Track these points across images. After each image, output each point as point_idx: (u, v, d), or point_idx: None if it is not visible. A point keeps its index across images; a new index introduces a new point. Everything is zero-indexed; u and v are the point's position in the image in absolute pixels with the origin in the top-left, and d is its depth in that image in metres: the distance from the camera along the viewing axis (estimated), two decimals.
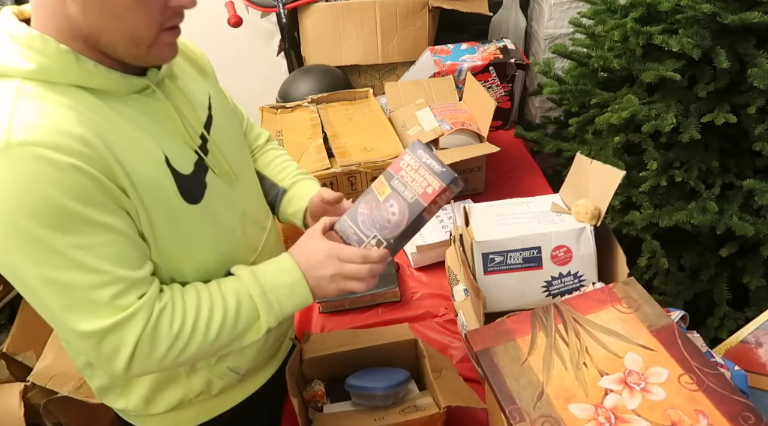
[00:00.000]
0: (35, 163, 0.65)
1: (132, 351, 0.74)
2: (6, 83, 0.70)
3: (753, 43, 1.31)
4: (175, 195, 0.79)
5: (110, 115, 0.74)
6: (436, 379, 1.01)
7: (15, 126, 0.66)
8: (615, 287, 0.95)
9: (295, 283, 0.84)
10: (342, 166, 1.48)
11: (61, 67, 0.71)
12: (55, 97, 0.70)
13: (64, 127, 0.68)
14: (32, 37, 0.70)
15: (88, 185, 0.69)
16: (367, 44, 2.00)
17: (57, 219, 0.67)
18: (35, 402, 1.50)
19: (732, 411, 0.74)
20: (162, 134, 0.79)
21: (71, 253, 0.69)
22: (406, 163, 0.89)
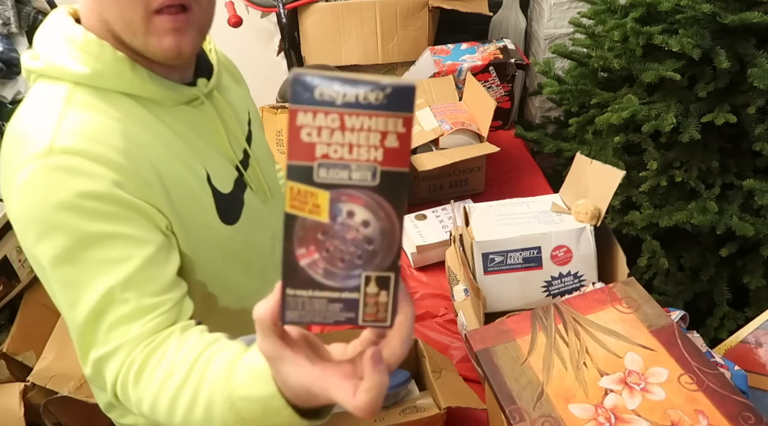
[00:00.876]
0: (69, 173, 0.64)
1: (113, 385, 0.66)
2: (57, 87, 0.69)
3: (753, 43, 1.31)
4: (213, 215, 0.78)
5: (157, 127, 0.73)
6: (437, 379, 1.01)
7: (62, 132, 0.65)
8: (615, 287, 0.95)
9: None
10: None
11: (114, 74, 0.70)
12: (104, 107, 0.69)
13: (108, 138, 0.67)
14: (89, 41, 0.69)
15: (114, 201, 0.66)
16: (367, 44, 2.00)
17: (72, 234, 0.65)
18: (35, 402, 1.49)
19: (732, 411, 0.74)
20: (206, 149, 0.78)
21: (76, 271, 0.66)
22: (309, 125, 0.42)
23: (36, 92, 0.71)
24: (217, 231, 0.79)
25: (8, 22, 1.73)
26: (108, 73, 0.69)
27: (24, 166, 0.65)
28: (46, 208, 0.64)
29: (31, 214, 0.65)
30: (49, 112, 0.67)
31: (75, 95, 0.68)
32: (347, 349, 0.51)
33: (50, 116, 0.67)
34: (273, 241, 0.90)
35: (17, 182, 0.65)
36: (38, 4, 1.84)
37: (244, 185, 0.83)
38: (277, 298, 0.46)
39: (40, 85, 0.71)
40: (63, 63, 0.69)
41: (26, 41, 1.82)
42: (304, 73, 0.41)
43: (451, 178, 1.66)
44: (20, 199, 0.66)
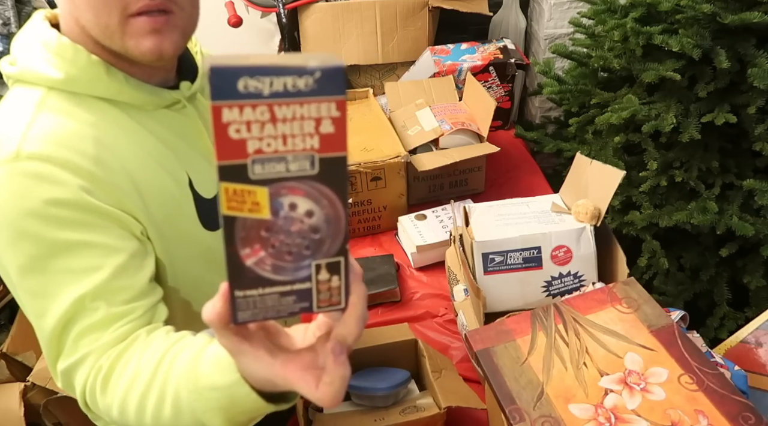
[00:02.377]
0: (35, 179, 0.63)
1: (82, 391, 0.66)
2: (30, 91, 0.68)
3: (753, 43, 1.31)
4: (194, 221, 0.76)
5: (136, 132, 0.71)
6: (437, 379, 1.01)
7: (30, 137, 0.64)
8: (615, 287, 0.95)
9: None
10: None
11: (89, 79, 0.68)
12: (78, 112, 0.68)
13: (79, 144, 0.66)
14: (63, 46, 0.68)
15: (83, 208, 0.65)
16: (367, 44, 2.00)
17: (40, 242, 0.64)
18: (35, 402, 1.49)
19: (732, 411, 0.74)
20: (189, 154, 0.76)
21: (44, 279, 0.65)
22: (236, 121, 0.39)
23: (10, 97, 0.70)
24: (198, 237, 0.77)
25: (8, 22, 1.73)
26: (83, 77, 0.68)
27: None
28: (12, 215, 0.63)
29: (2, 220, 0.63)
30: (19, 117, 0.66)
31: (48, 100, 0.67)
32: (307, 334, 0.51)
33: (20, 121, 0.66)
34: None
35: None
36: (38, 4, 1.84)
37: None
38: (225, 299, 0.45)
39: (15, 90, 0.70)
40: (37, 68, 0.68)
41: None
42: (223, 64, 0.37)
43: (451, 178, 1.66)
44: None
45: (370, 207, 1.55)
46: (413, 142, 1.61)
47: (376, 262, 1.45)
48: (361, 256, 1.50)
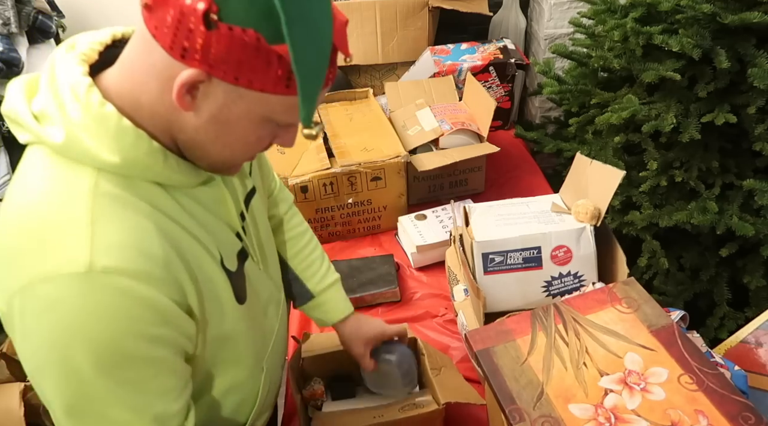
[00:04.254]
0: (116, 295, 0.59)
1: None
2: (79, 176, 0.60)
3: (753, 43, 1.31)
4: (230, 298, 0.74)
5: (178, 214, 0.67)
6: (435, 376, 1.01)
7: (98, 245, 0.58)
8: (615, 287, 0.95)
9: None
10: (342, 166, 1.48)
11: (146, 165, 0.63)
12: (132, 200, 0.62)
13: (147, 248, 0.61)
14: (124, 129, 0.61)
15: (159, 321, 0.62)
16: (367, 44, 2.00)
17: (113, 358, 0.61)
18: (35, 402, 1.49)
19: (732, 411, 0.74)
20: (217, 227, 0.73)
21: (115, 391, 0.62)
22: None
23: (48, 172, 0.61)
24: (234, 313, 0.75)
25: (8, 22, 1.73)
26: (140, 163, 0.62)
27: (53, 281, 0.57)
28: (75, 335, 0.58)
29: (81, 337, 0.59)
30: (74, 212, 0.59)
31: (101, 186, 0.61)
32: None
33: (78, 217, 0.59)
34: (266, 305, 0.87)
35: (38, 295, 0.58)
36: (38, 4, 1.83)
37: (246, 255, 0.78)
38: None
39: (48, 162, 0.62)
40: (89, 146, 0.60)
41: (26, 41, 1.81)
42: None
43: (451, 178, 1.66)
44: (48, 317, 0.58)
45: (370, 207, 1.55)
46: (413, 142, 1.61)
47: (376, 262, 1.45)
48: (361, 256, 1.50)
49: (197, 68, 0.56)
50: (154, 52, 0.58)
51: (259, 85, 0.58)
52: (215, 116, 0.61)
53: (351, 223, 1.57)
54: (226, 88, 0.58)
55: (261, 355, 0.85)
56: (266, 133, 0.65)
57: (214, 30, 0.54)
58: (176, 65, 0.57)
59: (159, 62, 0.58)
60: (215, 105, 0.60)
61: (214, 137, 0.63)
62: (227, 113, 0.61)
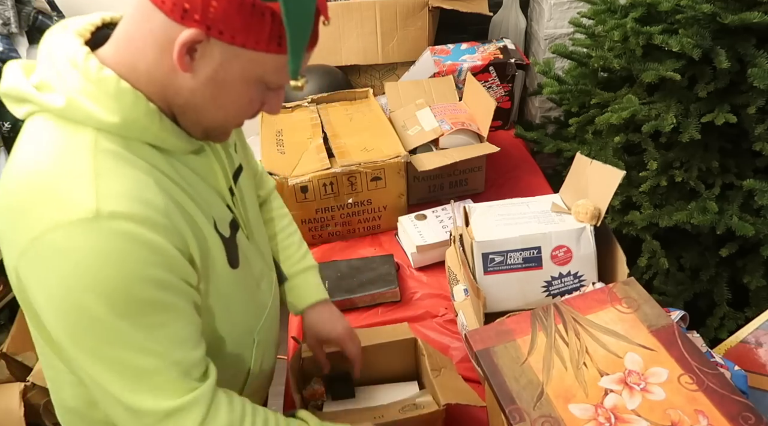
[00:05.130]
0: (124, 240, 0.61)
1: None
2: (80, 135, 0.64)
3: (753, 43, 1.31)
4: (223, 261, 0.76)
5: (175, 176, 0.70)
6: (436, 377, 1.01)
7: (103, 193, 0.61)
8: (615, 287, 0.95)
9: None
10: (342, 166, 1.48)
11: (143, 126, 0.66)
12: (132, 158, 0.65)
13: (149, 197, 0.64)
14: (123, 90, 0.64)
15: (165, 265, 0.65)
16: (367, 44, 2.00)
17: (127, 302, 0.63)
18: (35, 402, 1.49)
19: (732, 411, 0.74)
20: (208, 195, 0.76)
21: (133, 336, 0.64)
22: None
23: (49, 133, 0.64)
24: (228, 277, 0.78)
25: (8, 22, 1.73)
26: (137, 124, 0.66)
27: (62, 229, 0.60)
28: (84, 281, 0.61)
29: (91, 282, 0.61)
30: (78, 165, 0.62)
31: (101, 143, 0.64)
32: None
33: (82, 170, 0.62)
34: (260, 278, 0.89)
35: (48, 243, 0.60)
36: (38, 4, 1.84)
37: (237, 226, 0.82)
38: None
39: (50, 125, 0.65)
40: (89, 107, 0.63)
41: (26, 41, 1.81)
42: None
43: (451, 178, 1.66)
44: (58, 263, 0.61)
45: (370, 207, 1.55)
46: (413, 142, 1.61)
47: (376, 262, 1.45)
48: (361, 256, 1.50)
49: (196, 28, 0.60)
50: (152, 19, 0.62)
51: (253, 44, 0.63)
52: (211, 77, 0.65)
53: (351, 223, 1.57)
54: (223, 48, 0.63)
55: (253, 326, 0.88)
56: (257, 96, 0.70)
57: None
58: (175, 27, 0.61)
59: (157, 27, 0.62)
60: (212, 65, 0.64)
61: (209, 98, 0.67)
62: (223, 74, 0.65)
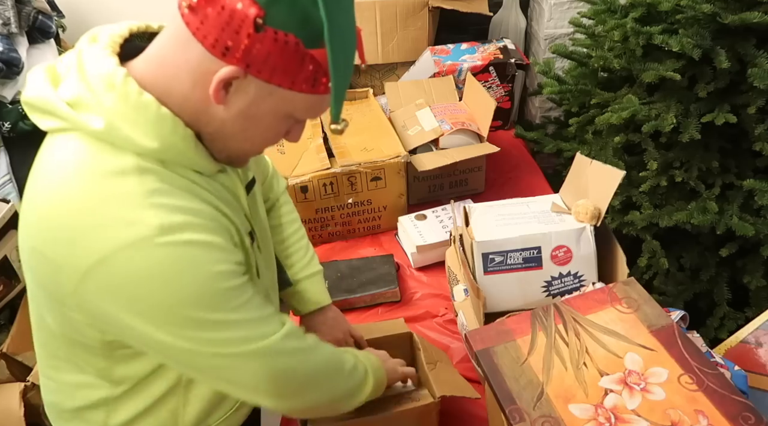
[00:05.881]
0: (189, 247, 0.64)
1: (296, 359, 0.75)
2: (119, 157, 0.64)
3: (753, 43, 1.31)
4: (253, 272, 0.81)
5: (213, 192, 0.73)
6: (431, 370, 1.02)
7: (159, 210, 0.63)
8: (615, 287, 0.95)
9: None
10: (342, 166, 1.48)
11: (180, 151, 0.68)
12: (174, 177, 0.68)
13: (198, 208, 0.68)
14: (163, 117, 0.65)
15: (229, 259, 0.69)
16: (367, 44, 2.00)
17: (211, 297, 0.67)
18: (35, 402, 1.49)
19: (732, 411, 0.74)
20: (236, 210, 0.78)
21: (229, 317, 0.69)
22: None
23: (93, 156, 0.64)
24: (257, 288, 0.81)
25: (8, 22, 1.72)
26: (176, 148, 0.67)
27: (136, 248, 0.62)
28: (172, 296, 0.65)
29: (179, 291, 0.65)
30: (128, 187, 0.64)
31: (143, 165, 0.65)
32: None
33: (134, 191, 0.63)
34: (269, 288, 0.93)
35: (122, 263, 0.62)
36: (38, 4, 1.83)
37: (253, 238, 0.84)
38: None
39: (92, 149, 0.65)
40: (129, 133, 0.64)
41: (26, 41, 1.81)
42: None
43: (451, 178, 1.66)
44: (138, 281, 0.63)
45: (370, 207, 1.55)
46: (413, 142, 1.61)
47: (376, 262, 1.45)
48: (361, 256, 1.50)
49: (236, 66, 0.62)
50: (191, 49, 0.63)
51: (290, 85, 0.65)
52: (244, 111, 0.67)
53: (351, 223, 1.57)
54: (259, 85, 0.64)
55: None
56: (283, 129, 0.72)
57: (261, 33, 0.60)
58: (214, 62, 0.62)
59: (195, 58, 0.63)
60: (246, 100, 0.66)
61: (239, 130, 0.69)
62: (255, 109, 0.67)
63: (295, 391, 0.77)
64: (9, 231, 1.47)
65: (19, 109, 1.68)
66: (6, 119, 1.68)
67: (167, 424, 0.84)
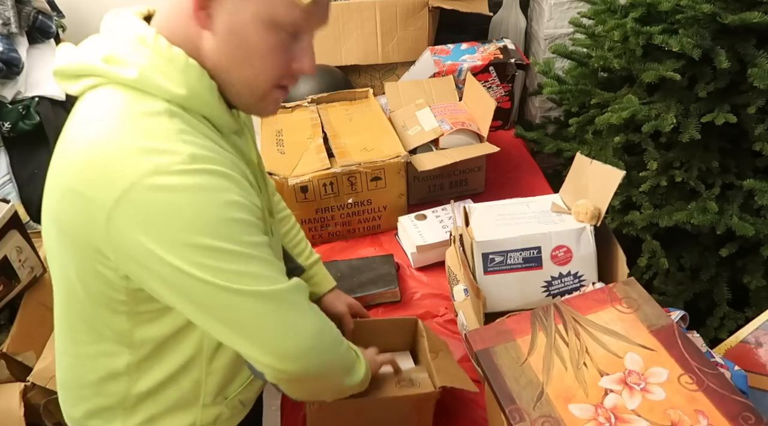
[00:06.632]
0: (217, 177, 0.69)
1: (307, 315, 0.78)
2: (151, 102, 0.70)
3: (753, 43, 1.31)
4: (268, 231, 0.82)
5: (227, 153, 0.76)
6: (434, 359, 1.01)
7: (189, 143, 0.68)
8: (615, 287, 0.95)
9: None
10: (342, 166, 1.48)
11: (205, 100, 0.73)
12: (198, 125, 0.73)
13: (218, 150, 0.72)
14: (190, 66, 0.72)
15: (248, 206, 0.72)
16: (367, 44, 2.00)
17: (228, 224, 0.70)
18: (35, 402, 1.49)
19: (732, 411, 0.74)
20: (246, 173, 0.81)
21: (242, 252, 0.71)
22: None
23: (122, 101, 0.70)
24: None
25: (8, 22, 1.73)
26: (201, 97, 0.73)
27: (169, 172, 0.66)
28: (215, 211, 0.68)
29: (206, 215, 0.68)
30: (162, 124, 0.69)
31: (172, 109, 0.71)
32: None
33: (167, 127, 0.69)
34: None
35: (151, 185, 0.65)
36: (38, 4, 1.83)
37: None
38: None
39: (120, 94, 0.70)
40: (160, 80, 0.70)
41: (26, 41, 1.81)
42: None
43: (451, 178, 1.66)
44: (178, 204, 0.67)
45: (370, 207, 1.55)
46: (413, 142, 1.61)
47: (376, 262, 1.45)
48: (361, 256, 1.50)
49: None
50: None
51: None
52: (228, 28, 0.70)
53: (351, 223, 1.57)
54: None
55: None
56: (279, 45, 0.73)
57: None
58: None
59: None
60: (226, 16, 0.70)
61: (231, 53, 0.72)
62: (238, 22, 0.70)
63: (298, 354, 0.76)
64: (9, 231, 1.47)
65: (19, 109, 1.68)
66: (6, 119, 1.68)
67: (190, 395, 0.85)
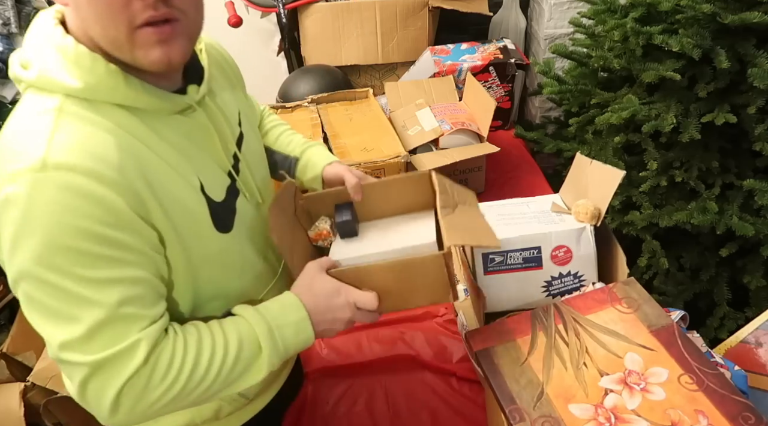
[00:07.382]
0: (67, 191, 0.63)
1: (121, 387, 0.67)
2: (47, 99, 0.67)
3: (753, 43, 1.31)
4: (208, 224, 0.77)
5: (150, 138, 0.71)
6: (446, 215, 0.89)
7: (54, 146, 0.63)
8: (615, 287, 0.95)
9: (300, 322, 0.79)
10: None
11: (108, 87, 0.68)
12: (97, 119, 0.68)
13: (103, 153, 0.66)
14: (81, 54, 0.67)
15: (111, 222, 0.66)
16: (367, 44, 2.00)
17: (65, 253, 0.64)
18: (35, 402, 1.49)
19: (732, 411, 0.74)
20: (199, 158, 0.77)
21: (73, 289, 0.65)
22: None
23: (26, 103, 0.69)
24: (212, 240, 0.79)
25: (8, 22, 1.73)
26: (101, 86, 0.68)
27: (13, 180, 0.63)
28: (48, 228, 0.63)
29: (30, 231, 0.63)
30: (39, 124, 0.65)
31: (66, 106, 0.67)
32: None
33: (41, 128, 0.65)
34: (265, 247, 0.91)
35: (4, 194, 0.63)
36: (38, 4, 1.84)
37: (237, 192, 0.83)
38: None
39: (30, 96, 0.69)
40: (55, 75, 0.67)
41: None
42: None
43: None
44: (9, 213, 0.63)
45: None
46: (413, 142, 1.61)
47: None
48: None
49: None
50: None
51: None
52: None
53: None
54: None
55: (257, 290, 0.90)
56: None
57: None
58: None
59: None
60: None
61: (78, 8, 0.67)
62: None
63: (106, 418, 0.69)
64: None
65: None
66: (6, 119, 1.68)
67: None
